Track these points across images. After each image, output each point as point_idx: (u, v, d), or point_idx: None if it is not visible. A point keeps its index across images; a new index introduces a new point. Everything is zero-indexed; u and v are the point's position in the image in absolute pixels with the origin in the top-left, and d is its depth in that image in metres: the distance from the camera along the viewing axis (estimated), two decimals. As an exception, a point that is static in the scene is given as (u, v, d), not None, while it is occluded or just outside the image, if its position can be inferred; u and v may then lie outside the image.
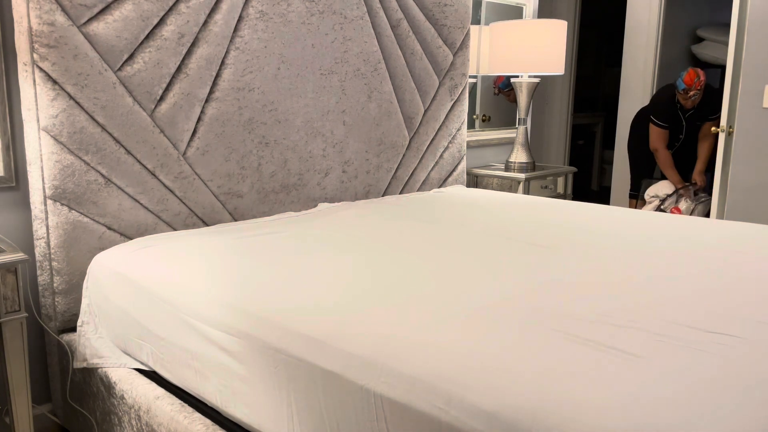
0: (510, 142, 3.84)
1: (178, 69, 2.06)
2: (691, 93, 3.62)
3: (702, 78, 3.61)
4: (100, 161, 1.92)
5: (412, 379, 1.06)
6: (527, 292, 1.42)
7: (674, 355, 1.07)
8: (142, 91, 1.98)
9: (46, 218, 1.86)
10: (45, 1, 1.75)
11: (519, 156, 3.37)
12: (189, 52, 2.08)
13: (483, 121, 3.74)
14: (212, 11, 2.12)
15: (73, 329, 1.94)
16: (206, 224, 2.20)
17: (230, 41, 2.17)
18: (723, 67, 4.92)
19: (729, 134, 3.35)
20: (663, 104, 3.86)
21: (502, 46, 3.21)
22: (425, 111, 2.95)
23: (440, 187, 3.11)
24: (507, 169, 3.40)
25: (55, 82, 1.80)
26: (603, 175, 6.75)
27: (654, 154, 3.94)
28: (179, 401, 1.54)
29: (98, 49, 1.88)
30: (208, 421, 1.45)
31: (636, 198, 4.13)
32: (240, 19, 2.19)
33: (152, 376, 1.65)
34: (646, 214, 2.31)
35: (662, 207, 3.81)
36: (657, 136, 3.89)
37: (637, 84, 4.62)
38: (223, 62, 2.16)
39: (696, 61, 4.98)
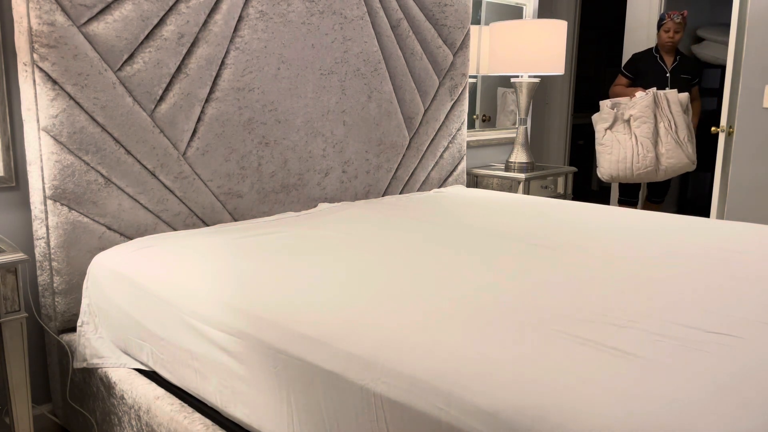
0: (510, 142, 3.84)
1: (178, 69, 2.06)
2: (677, 20, 3.70)
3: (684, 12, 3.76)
4: (100, 161, 1.92)
5: (412, 379, 1.06)
6: (527, 291, 1.42)
7: (674, 355, 1.07)
8: (142, 91, 1.99)
9: (46, 218, 1.86)
10: (45, 1, 1.75)
11: (519, 156, 3.37)
12: (189, 52, 2.08)
13: (483, 121, 3.74)
14: (212, 11, 2.12)
15: (73, 329, 1.94)
16: (206, 224, 2.20)
17: (230, 41, 2.17)
18: (723, 67, 4.92)
19: (729, 134, 3.35)
20: (639, 55, 3.90)
21: (502, 46, 3.21)
22: (425, 111, 2.95)
23: (440, 187, 3.11)
24: (507, 169, 3.40)
25: (55, 82, 1.80)
26: (603, 175, 6.74)
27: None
28: (179, 401, 1.54)
29: (98, 49, 1.88)
30: (208, 421, 1.45)
31: (625, 204, 4.13)
32: (240, 19, 2.19)
33: (152, 376, 1.65)
34: (646, 214, 2.31)
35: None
36: (616, 82, 3.90)
37: (637, 84, 4.61)
38: (223, 62, 2.16)
39: (696, 60, 4.98)
